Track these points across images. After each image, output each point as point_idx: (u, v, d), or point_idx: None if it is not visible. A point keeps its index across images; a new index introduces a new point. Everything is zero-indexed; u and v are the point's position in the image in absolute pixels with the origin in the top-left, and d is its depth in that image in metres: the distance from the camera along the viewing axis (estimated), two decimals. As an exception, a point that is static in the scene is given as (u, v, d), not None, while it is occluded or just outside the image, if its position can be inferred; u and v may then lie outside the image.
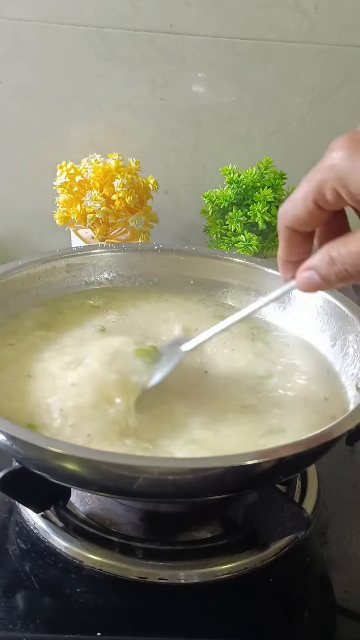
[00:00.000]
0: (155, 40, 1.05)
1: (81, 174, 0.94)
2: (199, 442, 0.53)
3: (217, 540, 0.59)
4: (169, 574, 0.55)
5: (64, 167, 0.95)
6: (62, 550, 0.57)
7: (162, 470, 0.45)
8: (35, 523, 0.60)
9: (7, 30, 1.02)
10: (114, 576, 0.55)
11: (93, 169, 0.94)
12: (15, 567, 0.56)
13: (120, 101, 1.09)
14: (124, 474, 0.45)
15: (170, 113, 1.11)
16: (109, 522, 0.60)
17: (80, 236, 1.00)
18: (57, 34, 1.03)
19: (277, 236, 0.90)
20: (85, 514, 0.61)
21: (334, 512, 0.64)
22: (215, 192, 0.99)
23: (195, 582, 0.55)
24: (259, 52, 1.07)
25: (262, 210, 0.94)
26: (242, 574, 0.56)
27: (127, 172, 0.94)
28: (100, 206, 0.91)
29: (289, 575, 0.57)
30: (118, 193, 0.92)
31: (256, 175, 0.96)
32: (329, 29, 1.06)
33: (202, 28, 1.04)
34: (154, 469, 0.45)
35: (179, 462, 0.49)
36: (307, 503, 0.64)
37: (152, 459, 0.49)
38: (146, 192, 0.98)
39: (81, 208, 0.93)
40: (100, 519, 0.60)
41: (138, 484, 0.45)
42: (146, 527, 0.60)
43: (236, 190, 0.97)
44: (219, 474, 0.45)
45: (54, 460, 0.46)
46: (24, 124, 1.09)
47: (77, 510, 0.61)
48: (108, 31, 1.03)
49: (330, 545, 0.60)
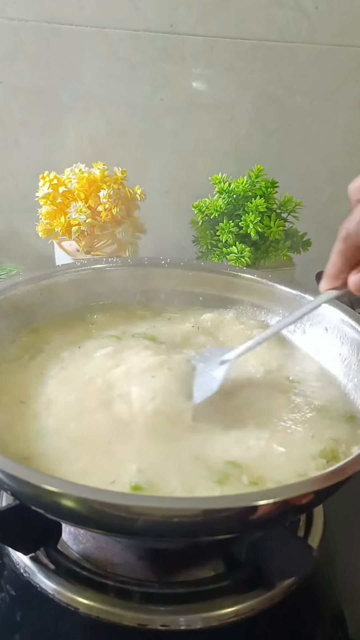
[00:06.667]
0: (155, 40, 1.04)
1: (65, 184, 0.90)
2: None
3: (220, 579, 0.54)
4: (171, 620, 0.51)
5: (47, 177, 0.91)
6: (54, 596, 0.53)
7: (165, 513, 0.42)
8: (26, 566, 0.55)
9: (7, 30, 1.02)
10: (112, 623, 0.50)
11: (77, 179, 0.90)
12: (5, 617, 0.51)
13: (120, 101, 1.09)
14: (121, 515, 0.42)
15: (170, 113, 1.11)
16: (104, 563, 0.55)
17: (64, 248, 0.96)
18: (57, 34, 1.03)
19: (269, 247, 0.90)
20: (79, 553, 0.56)
21: (342, 542, 0.60)
22: (205, 201, 0.96)
23: (199, 627, 0.51)
24: (259, 52, 1.07)
25: (255, 220, 0.90)
26: (249, 617, 0.51)
27: (113, 182, 0.90)
28: (85, 218, 0.88)
29: (299, 615, 0.53)
30: (104, 204, 0.89)
31: (247, 184, 0.93)
32: (329, 29, 1.06)
33: (202, 28, 1.04)
34: (155, 511, 0.41)
35: (184, 502, 0.45)
36: (313, 535, 0.59)
37: (151, 499, 0.45)
38: (133, 202, 0.94)
39: (65, 220, 0.89)
40: (95, 560, 0.55)
41: (137, 525, 0.42)
42: (145, 567, 0.55)
43: (227, 200, 0.93)
44: (231, 515, 0.42)
45: (48, 496, 0.43)
46: (24, 124, 1.09)
47: (69, 550, 0.57)
48: (108, 31, 1.03)
49: (340, 579, 0.57)
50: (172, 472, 0.50)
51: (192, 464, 0.52)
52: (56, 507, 0.44)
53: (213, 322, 0.74)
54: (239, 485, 0.50)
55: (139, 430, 0.55)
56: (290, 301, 0.72)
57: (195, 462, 0.52)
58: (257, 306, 0.75)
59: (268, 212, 0.92)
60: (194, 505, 0.43)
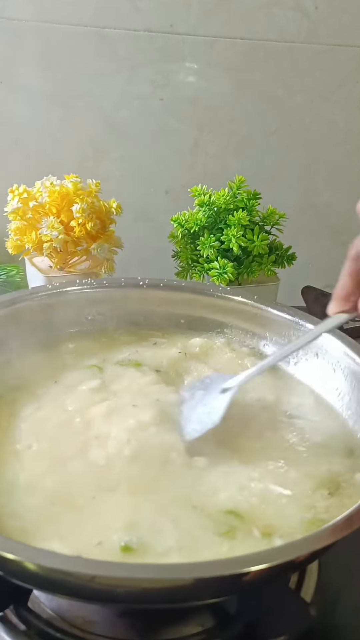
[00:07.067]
0: (155, 40, 1.05)
1: (35, 198, 0.85)
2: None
3: (208, 636, 0.49)
4: None
5: (16, 191, 0.85)
6: None
7: (144, 582, 0.37)
8: None
9: (7, 30, 1.02)
10: None
11: (48, 192, 0.84)
12: None
13: (120, 101, 1.09)
14: (90, 586, 0.37)
15: (170, 113, 1.11)
16: (81, 621, 0.49)
17: (36, 265, 0.90)
18: (57, 34, 1.03)
19: (252, 262, 0.87)
20: (53, 611, 0.50)
21: (340, 590, 0.55)
22: (184, 214, 0.90)
23: None
24: (259, 52, 1.07)
25: (237, 234, 0.84)
26: None
27: (87, 195, 0.84)
28: (58, 234, 0.82)
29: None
30: (77, 219, 0.83)
31: (228, 196, 0.87)
32: (329, 29, 1.06)
33: (202, 28, 1.04)
34: (135, 581, 0.36)
35: (162, 571, 0.38)
36: (307, 586, 0.54)
37: (121, 567, 0.38)
38: (108, 216, 0.88)
39: (36, 236, 0.83)
40: (71, 618, 0.49)
41: (108, 594, 0.38)
42: (126, 624, 0.50)
43: (207, 213, 0.88)
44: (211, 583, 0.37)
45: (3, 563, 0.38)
46: (24, 124, 1.09)
47: (42, 608, 0.50)
48: (108, 31, 1.03)
49: (339, 631, 0.52)
50: (167, 527, 0.45)
51: (190, 515, 0.47)
52: (17, 574, 0.40)
53: (201, 348, 0.68)
54: (249, 539, 0.45)
55: (120, 478, 0.49)
56: (279, 324, 0.68)
57: (193, 511, 0.47)
58: (243, 329, 0.70)
59: (251, 225, 0.87)
60: (174, 575, 0.37)
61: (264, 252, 0.85)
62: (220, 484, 0.49)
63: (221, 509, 0.47)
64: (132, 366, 0.63)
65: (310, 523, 0.47)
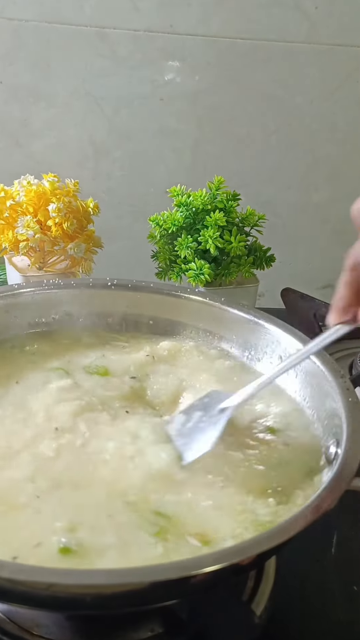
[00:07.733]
0: (155, 40, 1.05)
1: (13, 197, 0.85)
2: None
3: None
4: None
5: None
6: None
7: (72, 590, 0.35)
8: None
9: (7, 30, 1.02)
10: None
11: (25, 191, 0.85)
12: None
13: (120, 101, 1.09)
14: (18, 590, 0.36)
15: (170, 113, 1.11)
16: (30, 624, 0.48)
17: (15, 265, 0.90)
18: (57, 34, 1.03)
19: (230, 263, 0.86)
20: (2, 613, 0.49)
21: (297, 597, 0.54)
22: (163, 214, 0.90)
23: None
24: (259, 53, 1.07)
25: (214, 235, 0.84)
26: None
27: (64, 194, 0.85)
28: (34, 233, 0.83)
29: None
30: (54, 219, 0.83)
31: (207, 198, 0.87)
32: (329, 29, 1.06)
33: (202, 28, 1.04)
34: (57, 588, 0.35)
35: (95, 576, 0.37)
36: (260, 595, 0.52)
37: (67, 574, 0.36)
38: (86, 216, 0.88)
39: (13, 235, 0.84)
40: (20, 620, 0.48)
41: (45, 600, 0.37)
42: (74, 628, 0.49)
43: (185, 213, 0.87)
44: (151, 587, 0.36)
45: None
46: (24, 124, 1.09)
47: None
48: (108, 31, 1.03)
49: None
50: (107, 526, 0.44)
51: (126, 514, 0.46)
52: None
53: (170, 351, 0.67)
54: (181, 541, 0.44)
55: (68, 473, 0.47)
56: (243, 326, 0.66)
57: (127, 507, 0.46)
58: (211, 332, 0.69)
59: (229, 227, 0.86)
60: (106, 580, 0.36)
61: (242, 253, 0.85)
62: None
63: (152, 508, 0.47)
64: (99, 374, 0.62)
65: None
